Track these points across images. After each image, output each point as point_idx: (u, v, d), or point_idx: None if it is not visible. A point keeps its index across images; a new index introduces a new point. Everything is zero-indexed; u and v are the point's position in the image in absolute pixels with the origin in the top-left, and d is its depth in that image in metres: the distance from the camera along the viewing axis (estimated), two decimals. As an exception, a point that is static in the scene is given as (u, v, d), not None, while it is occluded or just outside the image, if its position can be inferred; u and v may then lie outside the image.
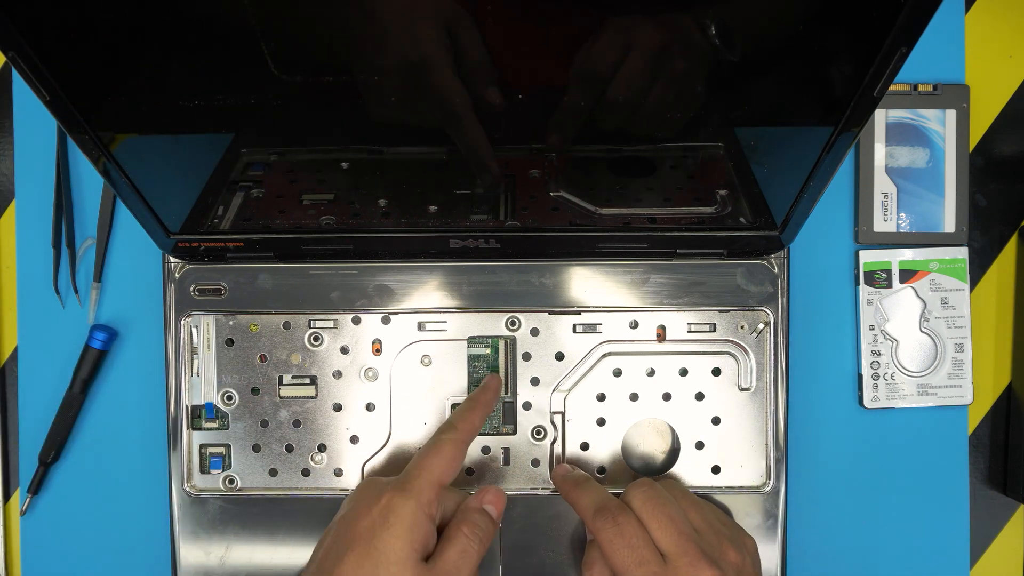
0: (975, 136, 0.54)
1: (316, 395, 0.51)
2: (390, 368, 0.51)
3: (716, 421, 0.51)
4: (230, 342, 0.51)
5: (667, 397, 0.51)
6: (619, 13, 0.35)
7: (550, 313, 0.51)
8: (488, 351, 0.51)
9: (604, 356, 0.51)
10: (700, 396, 0.51)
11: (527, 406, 0.51)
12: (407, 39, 0.36)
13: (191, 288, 0.50)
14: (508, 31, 0.36)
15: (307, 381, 0.51)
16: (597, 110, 0.39)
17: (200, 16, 0.35)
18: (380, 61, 0.37)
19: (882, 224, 0.53)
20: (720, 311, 0.51)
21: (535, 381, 0.51)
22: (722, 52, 0.35)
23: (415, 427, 0.51)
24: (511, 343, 0.51)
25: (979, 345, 0.54)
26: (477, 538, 0.43)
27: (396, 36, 0.36)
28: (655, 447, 0.51)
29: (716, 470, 0.51)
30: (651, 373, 0.51)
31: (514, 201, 0.48)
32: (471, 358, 0.51)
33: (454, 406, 0.51)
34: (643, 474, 0.51)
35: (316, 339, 0.51)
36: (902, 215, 0.53)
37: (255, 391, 0.51)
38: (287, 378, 0.51)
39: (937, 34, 0.53)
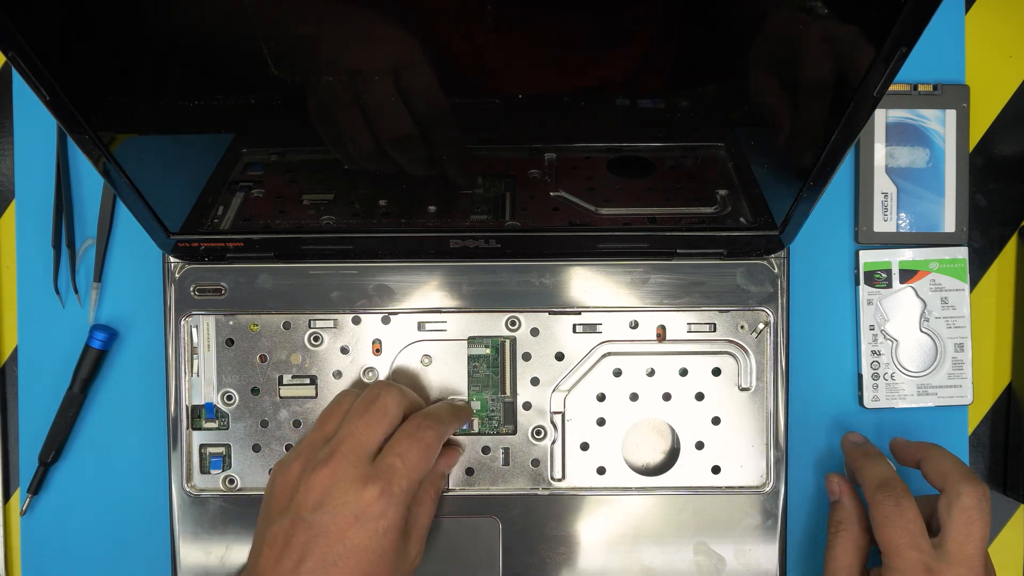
0: (975, 136, 0.54)
1: (316, 395, 0.51)
2: (390, 368, 0.51)
3: (716, 421, 0.51)
4: (230, 342, 0.51)
5: (667, 397, 0.51)
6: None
7: (550, 313, 0.51)
8: (488, 351, 0.51)
9: (604, 356, 0.51)
10: (700, 396, 0.51)
11: (527, 406, 0.51)
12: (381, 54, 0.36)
13: (191, 288, 0.50)
14: (507, 32, 0.36)
15: (307, 381, 0.51)
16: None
17: (200, 16, 0.35)
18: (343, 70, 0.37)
19: (882, 224, 0.53)
20: (720, 311, 0.51)
21: (535, 381, 0.51)
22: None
23: (415, 427, 0.51)
24: (511, 343, 0.51)
25: (979, 345, 0.54)
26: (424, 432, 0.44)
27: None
28: (655, 447, 0.51)
29: (716, 470, 0.51)
30: (651, 373, 0.51)
31: (514, 201, 0.48)
32: (471, 358, 0.51)
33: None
34: (642, 474, 0.51)
35: (316, 339, 0.51)
36: (902, 215, 0.53)
37: (255, 391, 0.51)
38: (287, 378, 0.51)
39: (937, 34, 0.53)
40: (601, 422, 0.51)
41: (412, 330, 0.51)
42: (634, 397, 0.51)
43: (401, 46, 0.36)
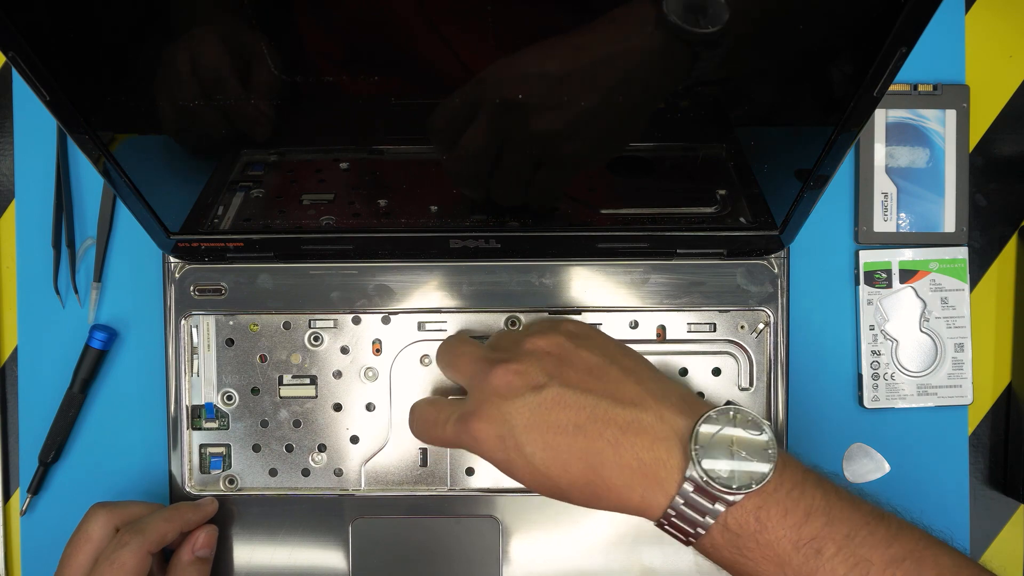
0: (975, 136, 0.54)
1: (316, 395, 0.51)
2: (390, 368, 0.51)
3: (716, 421, 0.51)
4: (230, 342, 0.51)
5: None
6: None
7: (550, 313, 0.51)
8: (488, 351, 0.51)
9: (604, 356, 0.51)
10: (700, 396, 0.51)
11: (527, 406, 0.51)
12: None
13: (191, 288, 0.50)
14: (508, 35, 0.36)
15: (307, 381, 0.51)
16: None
17: (200, 16, 0.35)
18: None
19: (882, 224, 0.53)
20: (720, 311, 0.51)
21: (535, 381, 0.51)
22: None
23: (415, 427, 0.51)
24: (511, 343, 0.51)
25: (979, 345, 0.54)
26: None
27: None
28: (655, 447, 0.51)
29: (716, 470, 0.51)
30: (651, 373, 0.51)
31: (514, 201, 0.48)
32: (471, 358, 0.51)
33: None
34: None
35: (316, 339, 0.51)
36: (902, 215, 0.53)
37: (255, 391, 0.51)
38: (287, 378, 0.51)
39: (937, 34, 0.53)
40: (601, 422, 0.51)
41: (412, 330, 0.51)
42: (634, 397, 0.51)
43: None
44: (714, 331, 0.51)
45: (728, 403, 0.48)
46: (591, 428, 0.38)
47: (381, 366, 0.51)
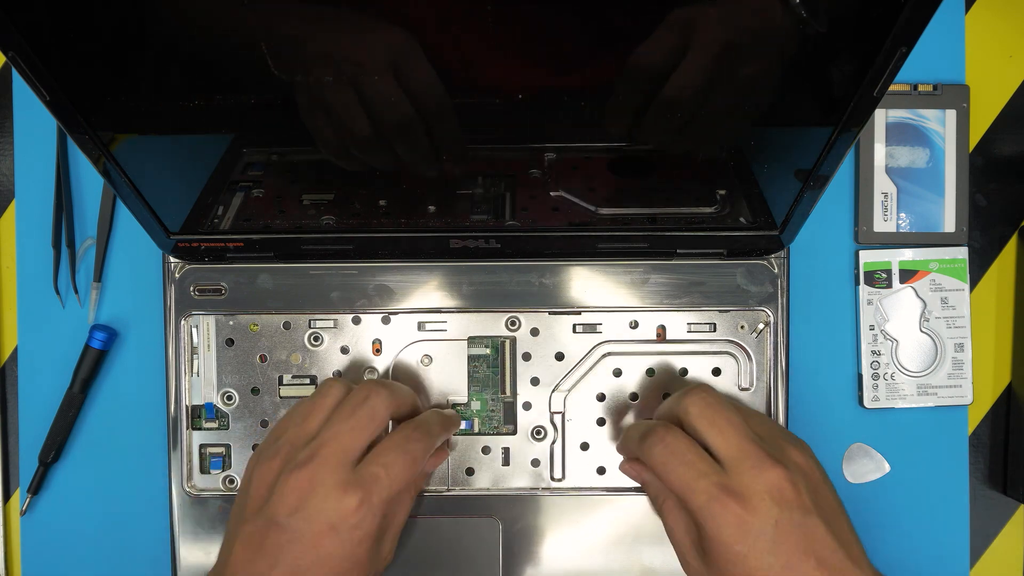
0: (975, 136, 0.54)
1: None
2: (390, 368, 0.51)
3: (716, 421, 0.51)
4: (230, 342, 0.51)
5: (667, 397, 0.51)
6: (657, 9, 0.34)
7: (550, 313, 0.51)
8: (488, 351, 0.51)
9: (604, 356, 0.51)
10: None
11: (527, 406, 0.51)
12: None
13: (191, 288, 0.50)
14: (507, 33, 0.36)
15: (307, 381, 0.51)
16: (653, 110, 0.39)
17: (200, 16, 0.35)
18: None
19: (882, 224, 0.53)
20: (720, 311, 0.51)
21: (535, 381, 0.51)
22: (809, 25, 0.34)
23: (415, 427, 0.51)
24: (511, 343, 0.51)
25: (979, 345, 0.54)
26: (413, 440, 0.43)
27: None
28: (655, 447, 0.51)
29: (716, 470, 0.51)
30: (651, 373, 0.51)
31: (514, 201, 0.48)
32: (471, 358, 0.51)
33: (455, 406, 0.51)
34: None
35: (316, 339, 0.51)
36: (902, 215, 0.53)
37: (255, 391, 0.51)
38: (287, 378, 0.51)
39: (937, 34, 0.53)
40: (601, 422, 0.51)
41: (412, 330, 0.51)
42: (634, 397, 0.51)
43: (398, 42, 0.35)
44: (714, 331, 0.51)
45: None
46: (829, 571, 0.39)
47: (381, 366, 0.51)
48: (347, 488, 0.40)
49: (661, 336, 0.51)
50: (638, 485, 0.50)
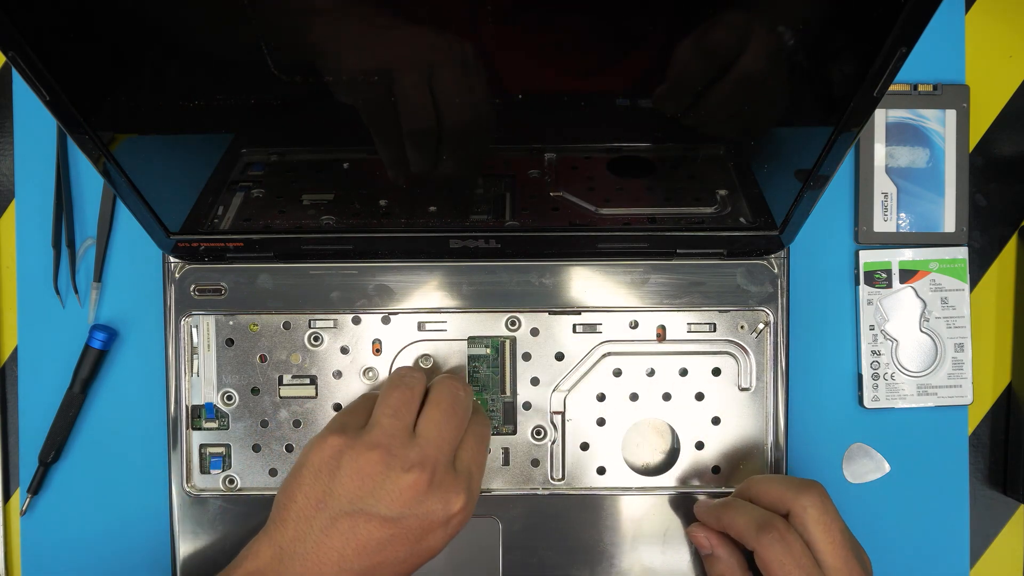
0: (975, 136, 0.54)
1: (316, 395, 0.51)
2: (390, 368, 0.51)
3: (716, 421, 0.51)
4: (230, 342, 0.51)
5: (667, 397, 0.51)
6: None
7: (550, 313, 0.51)
8: (488, 351, 0.51)
9: (604, 356, 0.51)
10: (700, 396, 0.51)
11: (527, 406, 0.51)
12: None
13: (191, 288, 0.50)
14: (508, 33, 0.36)
15: (307, 381, 0.51)
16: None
17: (200, 16, 0.35)
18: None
19: (882, 224, 0.53)
20: (720, 311, 0.51)
21: (535, 381, 0.51)
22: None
23: (415, 427, 0.51)
24: (511, 343, 0.51)
25: (979, 345, 0.54)
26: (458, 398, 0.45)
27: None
28: (655, 447, 0.51)
29: (716, 470, 0.51)
30: (651, 373, 0.51)
31: (514, 201, 0.48)
32: (471, 358, 0.51)
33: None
34: (642, 474, 0.51)
35: (316, 339, 0.51)
36: (902, 215, 0.53)
37: (255, 391, 0.51)
38: (287, 378, 0.51)
39: (937, 34, 0.53)
40: (601, 422, 0.51)
41: (412, 330, 0.51)
42: (634, 397, 0.51)
43: (458, 44, 0.36)
44: (714, 331, 0.51)
45: None
46: None
47: (381, 366, 0.51)
48: (458, 490, 0.42)
49: (661, 336, 0.51)
50: (638, 485, 0.50)
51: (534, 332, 0.51)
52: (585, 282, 0.51)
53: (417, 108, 0.39)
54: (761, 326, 0.51)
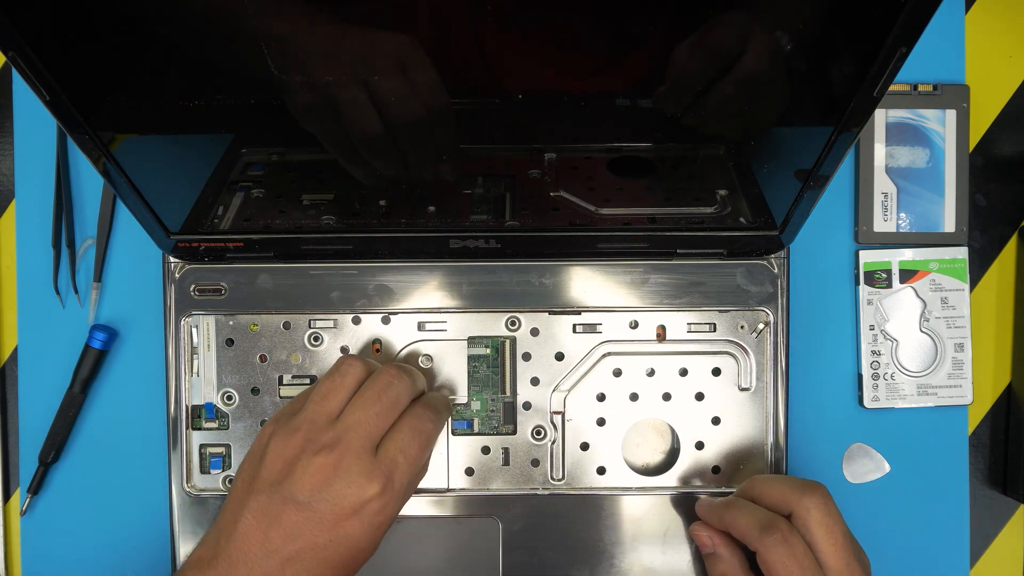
0: (975, 136, 0.54)
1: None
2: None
3: (716, 421, 0.51)
4: (230, 342, 0.51)
5: (667, 397, 0.51)
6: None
7: (550, 313, 0.51)
8: (488, 351, 0.51)
9: (604, 356, 0.51)
10: (700, 396, 0.51)
11: (527, 406, 0.51)
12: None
13: (191, 288, 0.50)
14: (508, 34, 0.36)
15: (307, 381, 0.51)
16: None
17: (200, 16, 0.35)
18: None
19: (882, 224, 0.53)
20: (720, 311, 0.51)
21: (535, 381, 0.51)
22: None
23: (415, 427, 0.51)
24: (511, 343, 0.51)
25: (979, 345, 0.54)
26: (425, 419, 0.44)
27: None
28: (655, 447, 0.51)
29: (716, 470, 0.51)
30: (651, 373, 0.51)
31: (514, 201, 0.48)
32: (471, 358, 0.51)
33: (454, 406, 0.51)
34: (642, 474, 0.51)
35: (316, 339, 0.51)
36: (902, 215, 0.53)
37: (255, 391, 0.51)
38: (287, 378, 0.51)
39: (937, 34, 0.53)
40: (601, 422, 0.51)
41: (412, 330, 0.51)
42: (634, 397, 0.51)
43: (398, 44, 0.36)
44: (714, 331, 0.51)
45: None
46: None
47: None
48: (371, 475, 0.41)
49: (661, 336, 0.51)
50: (638, 485, 0.50)
51: (534, 332, 0.51)
52: (585, 282, 0.51)
53: (359, 115, 0.39)
54: (761, 326, 0.51)
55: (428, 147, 0.42)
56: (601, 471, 0.51)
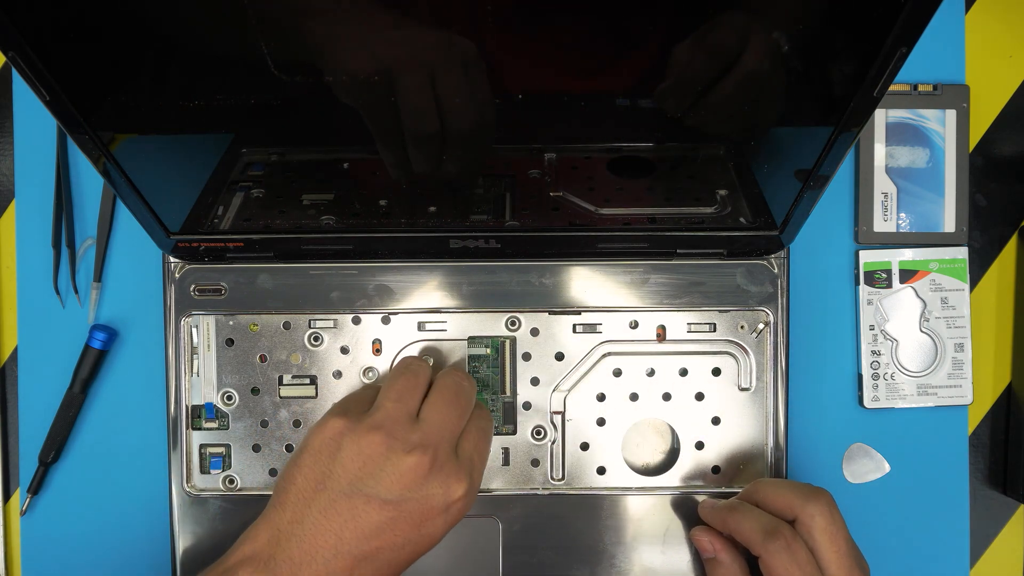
0: (975, 136, 0.54)
1: (316, 395, 0.51)
2: (390, 368, 0.51)
3: (716, 421, 0.51)
4: (230, 342, 0.51)
5: (667, 397, 0.51)
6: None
7: (550, 313, 0.51)
8: (488, 351, 0.51)
9: (604, 356, 0.51)
10: (700, 396, 0.51)
11: (527, 406, 0.51)
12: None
13: (191, 288, 0.50)
14: (508, 34, 0.36)
15: (307, 381, 0.51)
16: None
17: (200, 16, 0.35)
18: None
19: (882, 224, 0.53)
20: (720, 311, 0.51)
21: (535, 381, 0.51)
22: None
23: (415, 427, 0.51)
24: (511, 343, 0.51)
25: (979, 345, 0.54)
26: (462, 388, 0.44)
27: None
28: (655, 447, 0.51)
29: (716, 470, 0.51)
30: (651, 373, 0.51)
31: (514, 201, 0.48)
32: (471, 358, 0.51)
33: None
34: (642, 474, 0.51)
35: (316, 339, 0.51)
36: (902, 215, 0.53)
37: (255, 391, 0.51)
38: (287, 378, 0.51)
39: (937, 34, 0.53)
40: (601, 422, 0.51)
41: (412, 330, 0.51)
42: (634, 397, 0.51)
43: (466, 46, 0.36)
44: (714, 331, 0.51)
45: None
46: None
47: (381, 366, 0.51)
48: (459, 476, 0.42)
49: (661, 336, 0.51)
50: (638, 485, 0.50)
51: (534, 332, 0.51)
52: (585, 282, 0.51)
53: (419, 110, 0.39)
54: (761, 326, 0.51)
55: (469, 147, 0.42)
56: (601, 471, 0.51)
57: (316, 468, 0.41)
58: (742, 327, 0.51)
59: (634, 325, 0.51)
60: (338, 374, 0.51)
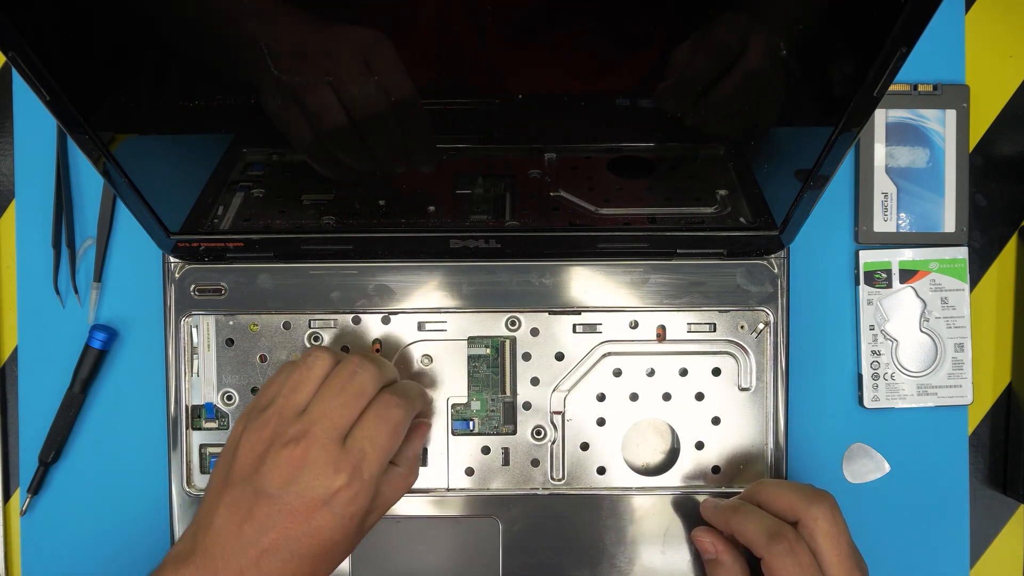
0: (975, 136, 0.54)
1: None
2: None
3: (716, 421, 0.51)
4: (230, 342, 0.51)
5: (667, 397, 0.51)
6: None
7: (550, 313, 0.51)
8: (488, 351, 0.51)
9: (604, 356, 0.51)
10: (700, 396, 0.51)
11: (527, 406, 0.51)
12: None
13: (191, 288, 0.50)
14: (509, 34, 0.36)
15: (307, 381, 0.51)
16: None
17: (200, 16, 0.35)
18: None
19: (882, 224, 0.53)
20: (720, 311, 0.51)
21: (535, 381, 0.51)
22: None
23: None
24: (511, 343, 0.51)
25: (979, 345, 0.54)
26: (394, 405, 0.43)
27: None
28: (655, 447, 0.51)
29: (716, 470, 0.51)
30: (651, 373, 0.51)
31: (514, 201, 0.48)
32: (471, 358, 0.51)
33: (454, 406, 0.51)
34: (642, 474, 0.51)
35: (316, 339, 0.51)
36: (902, 215, 0.53)
37: (255, 391, 0.51)
38: (287, 378, 0.51)
39: (937, 34, 0.53)
40: (601, 422, 0.51)
41: (412, 330, 0.51)
42: (634, 397, 0.51)
43: (361, 38, 0.36)
44: (714, 331, 0.51)
45: None
46: None
47: (381, 366, 0.51)
48: (338, 466, 0.41)
49: (661, 336, 0.51)
50: (638, 485, 0.50)
51: (534, 332, 0.51)
52: (585, 282, 0.51)
53: (320, 108, 0.39)
54: (761, 326, 0.51)
55: (395, 142, 0.42)
56: (601, 471, 0.51)
57: (223, 463, 0.43)
58: (742, 327, 0.51)
59: (634, 325, 0.51)
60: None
